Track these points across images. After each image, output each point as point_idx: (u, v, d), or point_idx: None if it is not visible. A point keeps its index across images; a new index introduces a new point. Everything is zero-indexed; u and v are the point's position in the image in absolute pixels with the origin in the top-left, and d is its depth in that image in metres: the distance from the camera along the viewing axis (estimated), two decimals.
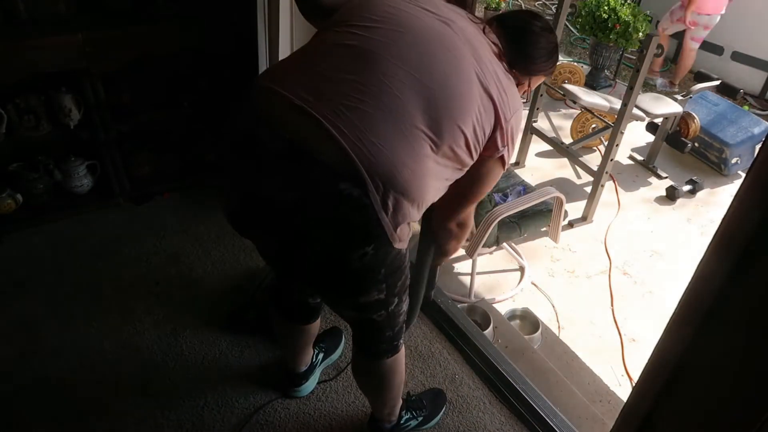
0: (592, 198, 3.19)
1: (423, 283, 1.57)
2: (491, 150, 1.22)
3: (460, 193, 1.30)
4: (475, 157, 1.20)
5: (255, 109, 1.12)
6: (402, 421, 1.70)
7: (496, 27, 1.28)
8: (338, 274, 1.18)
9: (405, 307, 1.36)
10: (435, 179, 1.14)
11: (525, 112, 3.63)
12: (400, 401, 1.67)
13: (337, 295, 1.32)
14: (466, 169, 1.22)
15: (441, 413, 1.82)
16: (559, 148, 3.52)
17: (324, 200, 1.06)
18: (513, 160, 1.30)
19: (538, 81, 1.38)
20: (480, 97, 1.14)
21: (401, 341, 1.45)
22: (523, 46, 1.29)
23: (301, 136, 1.05)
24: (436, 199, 1.22)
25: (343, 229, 1.08)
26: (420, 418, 1.75)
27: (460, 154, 1.15)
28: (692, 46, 4.86)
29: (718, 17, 4.63)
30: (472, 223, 1.46)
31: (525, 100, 1.42)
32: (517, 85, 1.29)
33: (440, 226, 1.42)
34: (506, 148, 1.23)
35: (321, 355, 1.89)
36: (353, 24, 1.15)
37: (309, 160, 1.04)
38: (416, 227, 1.55)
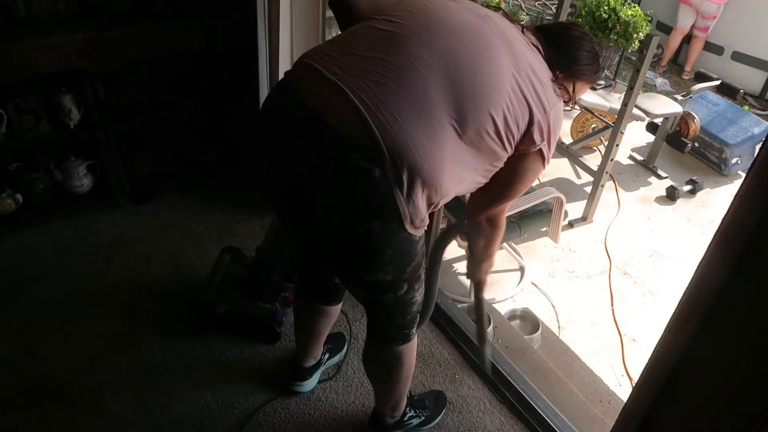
0: (592, 198, 3.19)
1: (435, 281, 1.58)
2: (527, 144, 1.20)
3: (496, 187, 1.29)
4: (509, 149, 1.19)
5: (285, 82, 1.17)
6: (405, 418, 1.70)
7: (534, 31, 1.30)
8: (345, 248, 1.21)
9: (419, 296, 1.36)
10: (457, 165, 1.13)
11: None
12: (405, 399, 1.67)
13: (344, 270, 1.34)
14: (500, 162, 1.21)
15: (441, 414, 1.82)
16: (559, 148, 3.52)
17: (333, 170, 1.09)
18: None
19: (583, 87, 1.35)
20: (511, 88, 1.14)
21: (413, 332, 1.44)
22: (565, 47, 1.29)
23: (323, 107, 1.08)
24: (459, 189, 1.21)
25: (350, 201, 1.11)
26: (422, 418, 1.75)
27: (489, 143, 1.15)
28: (700, 35, 5.12)
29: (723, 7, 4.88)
30: (503, 223, 1.42)
31: (570, 107, 1.40)
32: (561, 88, 1.29)
33: (471, 220, 1.41)
34: (545, 142, 1.21)
35: (327, 355, 1.90)
36: (390, 14, 1.19)
37: (325, 131, 1.08)
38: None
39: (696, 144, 3.84)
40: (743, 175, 0.82)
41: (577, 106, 3.82)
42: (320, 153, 1.10)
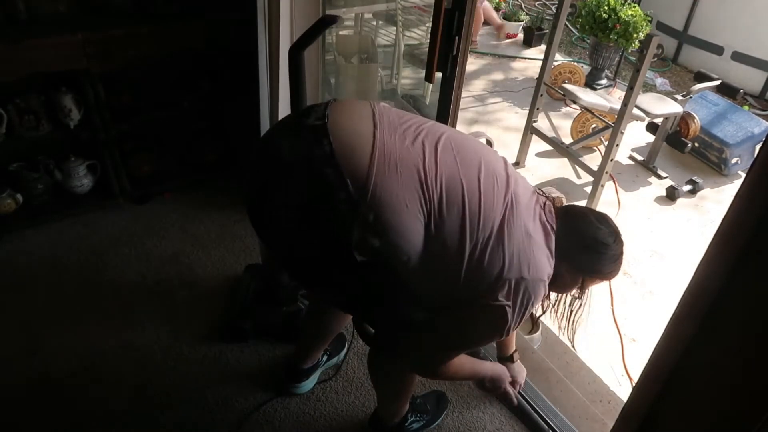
0: (592, 198, 3.18)
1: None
2: (490, 296, 1.16)
3: (441, 335, 1.24)
4: (470, 284, 1.16)
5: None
6: (407, 423, 1.70)
7: (563, 218, 1.26)
8: (344, 269, 1.19)
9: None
10: (415, 237, 1.11)
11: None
12: (407, 405, 1.67)
13: (344, 287, 1.33)
14: (454, 286, 1.17)
15: (442, 416, 1.82)
16: (559, 148, 3.52)
17: (306, 173, 1.11)
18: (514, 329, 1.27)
19: (592, 283, 1.32)
20: (495, 230, 1.14)
21: None
22: (589, 252, 1.25)
23: (341, 121, 1.14)
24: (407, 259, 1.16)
25: (312, 220, 1.12)
26: (423, 421, 1.75)
27: (452, 260, 1.14)
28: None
29: None
30: (459, 370, 1.36)
31: (577, 296, 1.37)
32: (567, 281, 1.28)
33: (426, 376, 1.43)
34: (509, 303, 1.16)
35: (325, 357, 1.90)
36: (451, 132, 1.26)
37: (318, 136, 1.11)
38: None
39: (696, 144, 3.84)
40: (743, 175, 0.82)
41: (577, 106, 3.82)
42: (301, 154, 1.12)
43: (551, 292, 1.31)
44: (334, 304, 1.56)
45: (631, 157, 3.95)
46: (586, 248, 1.25)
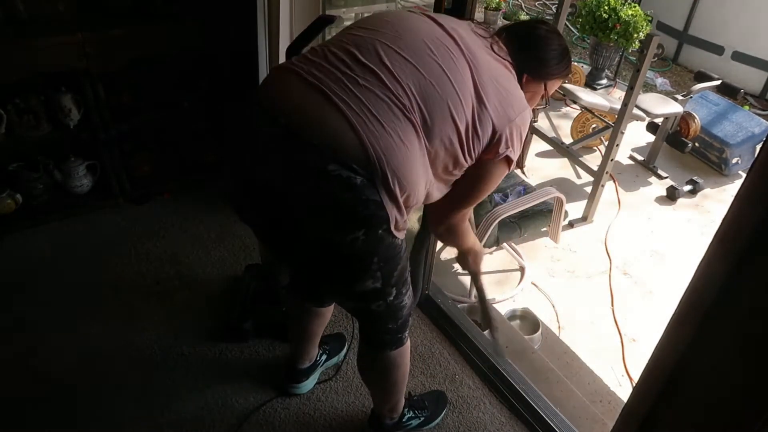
0: (592, 198, 3.19)
1: (420, 273, 1.61)
2: (492, 153, 1.21)
3: (457, 193, 1.30)
4: (471, 159, 1.20)
5: (259, 91, 1.17)
6: (404, 420, 1.70)
7: (504, 37, 1.31)
8: (330, 261, 1.20)
9: (407, 300, 1.36)
10: (425, 169, 1.15)
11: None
12: (403, 400, 1.67)
13: (331, 284, 1.33)
14: (460, 170, 1.23)
15: (442, 415, 1.82)
16: (559, 148, 3.52)
17: (312, 181, 1.07)
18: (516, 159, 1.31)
19: (554, 85, 1.37)
20: (474, 98, 1.15)
21: (406, 335, 1.44)
22: (534, 50, 1.30)
23: (299, 117, 1.08)
24: (425, 194, 1.21)
25: (333, 212, 1.10)
26: (421, 418, 1.75)
27: (452, 151, 1.16)
28: None
29: None
30: (464, 231, 1.43)
31: (545, 105, 1.43)
32: (532, 92, 1.32)
33: (431, 229, 1.42)
34: (510, 149, 1.22)
35: (324, 357, 1.89)
36: (365, 25, 1.22)
37: (298, 143, 1.07)
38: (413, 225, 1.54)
39: (696, 144, 3.84)
40: (744, 175, 0.81)
41: (577, 106, 3.82)
42: (294, 165, 1.08)
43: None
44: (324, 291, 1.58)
45: (632, 157, 3.95)
46: (535, 51, 1.31)
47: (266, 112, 1.13)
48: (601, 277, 2.87)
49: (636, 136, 4.04)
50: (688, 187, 3.55)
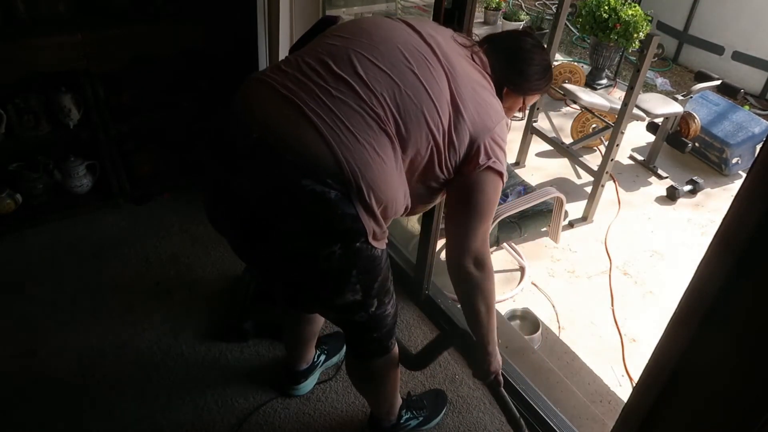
0: (592, 198, 3.18)
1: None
2: (473, 164, 1.18)
3: (461, 214, 1.24)
4: (449, 166, 1.18)
5: (235, 104, 1.17)
6: (402, 421, 1.70)
7: (486, 48, 1.30)
8: (308, 276, 1.19)
9: (391, 309, 1.34)
10: (401, 181, 1.14)
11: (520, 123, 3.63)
12: (399, 400, 1.66)
13: (310, 297, 1.32)
14: (439, 179, 1.20)
15: (441, 414, 1.82)
16: (559, 148, 3.51)
17: (285, 197, 1.06)
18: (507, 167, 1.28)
19: (532, 99, 1.37)
20: (450, 107, 1.14)
21: (392, 342, 1.44)
22: (516, 63, 1.30)
23: (273, 130, 1.07)
24: (405, 205, 1.19)
25: (307, 227, 1.09)
26: (420, 418, 1.75)
27: (427, 162, 1.15)
28: None
29: None
30: (489, 261, 1.29)
31: (521, 117, 1.42)
32: (510, 104, 1.32)
33: (453, 269, 1.27)
34: (493, 159, 1.19)
35: (323, 357, 1.89)
36: (340, 32, 1.20)
37: (272, 156, 1.06)
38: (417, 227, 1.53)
39: (696, 144, 3.84)
40: (744, 175, 0.81)
41: (577, 106, 3.82)
42: (268, 180, 1.07)
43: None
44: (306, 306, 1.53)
45: (632, 157, 3.95)
46: (517, 64, 1.29)
47: (240, 123, 1.12)
48: (601, 277, 2.87)
49: (636, 136, 4.04)
50: (688, 187, 3.55)
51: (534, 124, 3.55)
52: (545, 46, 1.39)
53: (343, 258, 1.12)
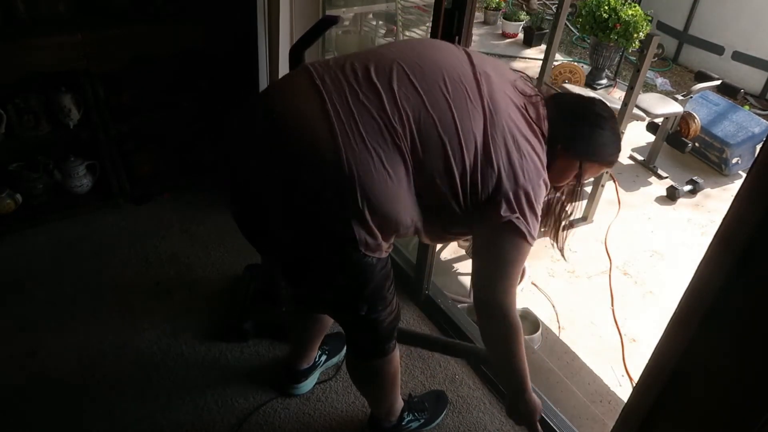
0: (592, 198, 3.18)
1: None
2: (493, 210, 1.12)
3: (477, 260, 1.22)
4: (466, 206, 1.14)
5: (273, 81, 1.18)
6: (404, 423, 1.70)
7: (551, 101, 1.22)
8: (297, 263, 1.22)
9: (386, 316, 1.32)
10: (410, 202, 1.11)
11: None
12: (399, 402, 1.66)
13: (301, 285, 1.35)
14: (454, 214, 1.16)
15: (442, 415, 1.82)
16: None
17: (284, 187, 1.08)
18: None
19: (591, 170, 1.25)
20: (480, 148, 1.10)
21: (390, 346, 1.43)
22: (579, 123, 1.20)
23: (290, 115, 1.08)
24: (413, 228, 1.16)
25: (299, 220, 1.10)
26: (422, 420, 1.75)
27: (444, 192, 1.12)
28: None
29: None
30: (510, 314, 1.23)
31: (574, 187, 1.26)
32: (563, 167, 1.21)
33: (476, 308, 1.26)
34: (517, 215, 1.12)
35: (324, 357, 1.89)
36: (396, 46, 1.20)
37: (280, 143, 1.08)
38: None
39: (696, 144, 3.84)
40: (744, 175, 0.81)
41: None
42: (272, 170, 1.09)
43: (553, 183, 1.25)
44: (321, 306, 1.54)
45: (632, 157, 3.95)
46: (580, 124, 1.20)
47: (265, 104, 1.14)
48: (601, 277, 2.86)
49: (636, 136, 4.04)
50: (688, 187, 3.55)
51: None
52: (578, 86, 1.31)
53: (330, 258, 1.13)
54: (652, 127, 3.71)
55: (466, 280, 2.64)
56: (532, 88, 1.22)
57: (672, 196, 3.51)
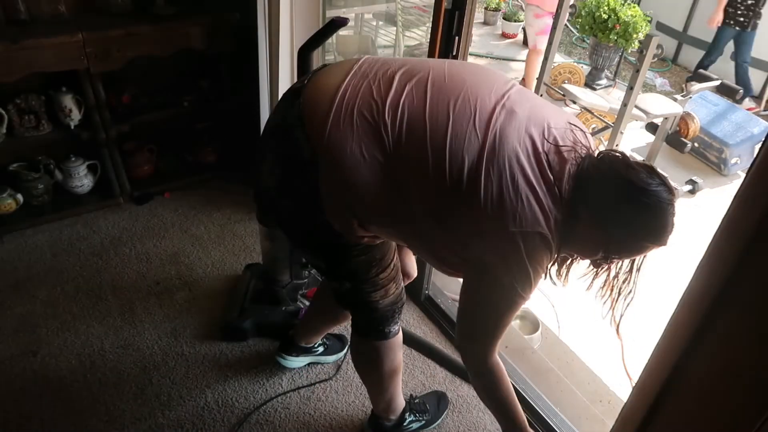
0: None
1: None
2: (473, 250, 1.07)
3: (460, 302, 1.23)
4: (441, 225, 1.09)
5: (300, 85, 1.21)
6: (405, 423, 1.70)
7: (589, 158, 1.06)
8: (298, 237, 1.30)
9: (381, 299, 1.34)
10: (381, 187, 1.08)
11: None
12: (400, 399, 1.66)
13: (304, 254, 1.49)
14: (426, 221, 1.10)
15: (443, 416, 1.82)
16: None
17: (280, 133, 1.16)
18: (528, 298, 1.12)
19: (619, 253, 1.11)
20: (465, 180, 1.02)
21: (391, 330, 1.44)
22: (613, 193, 1.02)
23: (313, 98, 1.12)
24: (381, 221, 1.15)
25: (284, 173, 1.16)
26: (423, 421, 1.75)
27: (430, 207, 1.08)
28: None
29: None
30: (489, 368, 1.23)
31: (604, 269, 1.16)
32: (581, 237, 1.07)
33: (472, 370, 1.28)
34: (494, 263, 1.05)
35: (321, 348, 1.92)
36: (443, 63, 1.16)
37: (292, 100, 1.15)
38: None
39: (696, 144, 3.85)
40: (743, 175, 0.81)
41: (576, 106, 3.82)
42: (279, 117, 1.19)
43: (575, 253, 1.16)
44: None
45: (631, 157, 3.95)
46: (609, 191, 1.01)
47: (299, 90, 1.17)
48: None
49: (635, 136, 4.04)
50: (687, 187, 3.55)
51: None
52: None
53: (295, 213, 1.20)
54: (651, 128, 3.71)
55: None
56: (575, 140, 1.07)
57: None
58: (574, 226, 1.05)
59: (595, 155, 1.08)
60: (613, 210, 1.02)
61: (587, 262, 1.23)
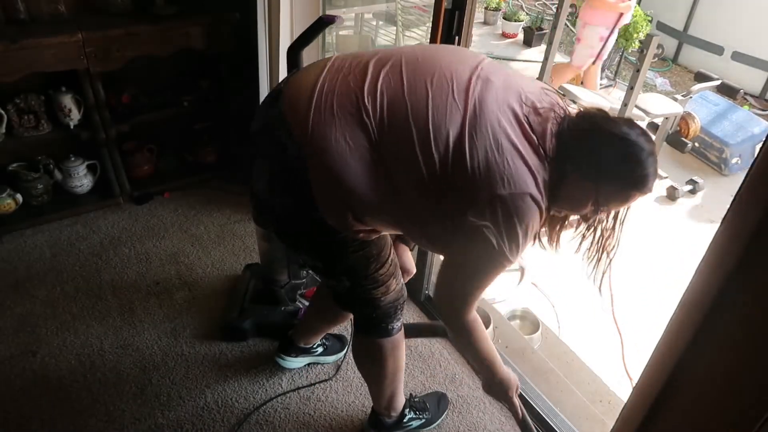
0: None
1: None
2: (463, 213, 1.07)
3: (443, 263, 1.23)
4: (430, 198, 1.10)
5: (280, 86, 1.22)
6: (405, 420, 1.71)
7: (569, 119, 1.10)
8: (291, 238, 1.31)
9: (382, 296, 1.35)
10: (368, 175, 1.09)
11: None
12: (401, 397, 1.67)
13: (300, 255, 1.45)
14: (422, 201, 1.11)
15: (443, 416, 1.82)
16: None
17: (268, 136, 1.18)
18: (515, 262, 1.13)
19: (610, 198, 1.10)
20: (451, 148, 1.05)
21: (393, 326, 1.44)
22: (588, 139, 1.07)
23: (296, 84, 1.15)
24: (382, 218, 1.16)
25: (275, 174, 1.18)
26: (423, 420, 1.75)
27: (407, 178, 1.09)
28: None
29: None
30: (466, 323, 1.25)
31: (592, 221, 1.17)
32: (575, 194, 1.10)
33: (449, 324, 1.31)
34: (488, 224, 1.05)
35: (320, 349, 1.91)
36: (414, 47, 1.21)
37: (275, 100, 1.17)
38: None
39: (696, 144, 3.84)
40: (743, 174, 0.81)
41: (576, 106, 3.82)
42: (265, 116, 1.20)
43: (565, 210, 1.18)
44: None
45: None
46: (588, 142, 1.06)
47: (278, 92, 1.19)
48: None
49: None
50: (687, 187, 3.55)
51: None
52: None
53: (292, 213, 1.20)
54: (651, 127, 3.71)
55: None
56: (552, 102, 1.12)
57: (672, 196, 3.51)
58: (561, 182, 1.08)
59: (574, 113, 1.13)
60: (598, 162, 1.06)
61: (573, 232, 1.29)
